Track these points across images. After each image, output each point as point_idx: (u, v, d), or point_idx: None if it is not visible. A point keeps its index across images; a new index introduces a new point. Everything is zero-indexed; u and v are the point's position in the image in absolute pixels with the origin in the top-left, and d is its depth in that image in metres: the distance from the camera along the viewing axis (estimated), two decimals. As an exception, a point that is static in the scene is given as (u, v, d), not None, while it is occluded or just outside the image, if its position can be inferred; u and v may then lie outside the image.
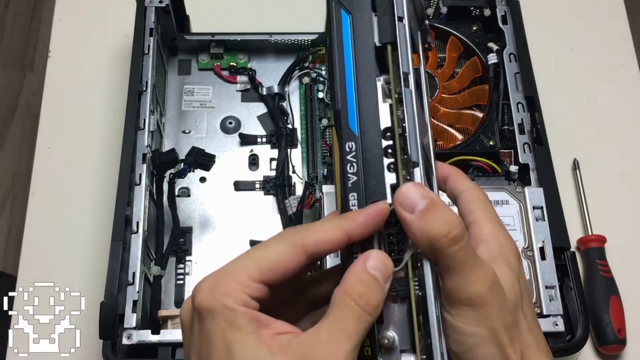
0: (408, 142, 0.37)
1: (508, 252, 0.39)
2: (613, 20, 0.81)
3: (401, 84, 0.38)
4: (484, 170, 0.62)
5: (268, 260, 0.34)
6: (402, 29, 0.39)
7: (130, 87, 0.62)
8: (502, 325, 0.35)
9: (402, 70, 0.38)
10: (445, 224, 0.34)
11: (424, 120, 0.41)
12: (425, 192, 0.34)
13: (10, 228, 1.38)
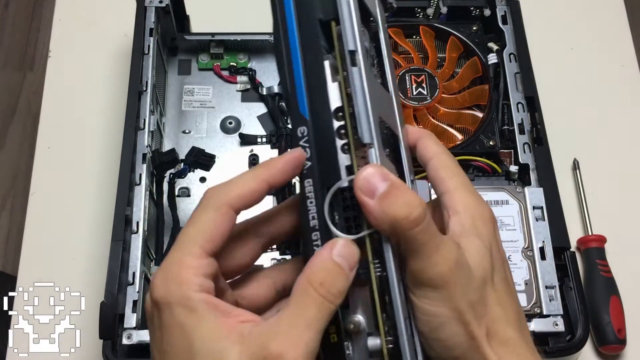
0: (358, 123, 0.35)
1: (480, 223, 0.38)
2: (613, 20, 0.81)
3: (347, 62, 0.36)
4: (484, 170, 0.62)
5: (202, 232, 0.33)
6: (344, 3, 0.36)
7: (130, 87, 0.62)
8: (467, 304, 0.35)
9: (346, 48, 0.36)
10: (405, 206, 0.33)
11: (384, 94, 0.40)
12: (384, 175, 0.34)
13: (10, 228, 1.38)
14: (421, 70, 0.66)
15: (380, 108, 0.38)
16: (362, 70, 0.36)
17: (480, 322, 0.35)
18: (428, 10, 0.70)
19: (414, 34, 0.70)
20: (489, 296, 0.36)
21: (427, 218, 0.33)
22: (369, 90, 0.36)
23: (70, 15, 0.79)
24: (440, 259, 0.34)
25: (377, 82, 0.40)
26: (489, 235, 0.38)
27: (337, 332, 0.35)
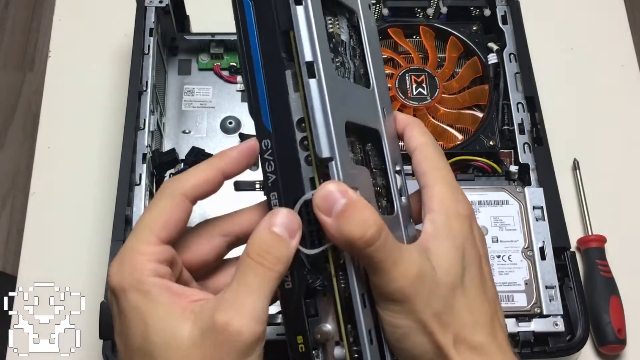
0: (315, 137, 0.35)
1: (454, 221, 0.38)
2: (613, 20, 0.80)
3: (304, 74, 0.35)
4: (484, 170, 0.62)
5: (157, 220, 0.34)
6: (299, 13, 0.35)
7: (130, 87, 0.62)
8: (430, 314, 0.35)
9: (302, 60, 0.35)
10: (360, 225, 0.33)
11: (360, 93, 0.40)
12: (342, 192, 0.33)
13: (10, 228, 1.38)
14: (421, 70, 0.66)
15: (352, 112, 0.38)
16: (322, 81, 0.35)
17: (446, 330, 0.35)
18: (428, 10, 0.70)
19: (414, 34, 0.70)
20: (458, 302, 0.36)
21: (383, 236, 0.34)
22: (330, 100, 0.35)
23: (70, 15, 0.79)
24: (399, 274, 0.34)
25: (349, 84, 0.40)
26: (462, 234, 0.38)
27: (305, 342, 0.36)
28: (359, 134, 0.41)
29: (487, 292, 0.38)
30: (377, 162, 0.42)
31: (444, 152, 0.41)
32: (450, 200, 0.38)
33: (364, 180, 0.38)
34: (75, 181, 0.68)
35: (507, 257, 0.56)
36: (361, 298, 0.35)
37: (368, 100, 0.41)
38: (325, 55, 0.36)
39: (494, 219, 0.57)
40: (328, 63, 0.36)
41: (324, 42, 0.36)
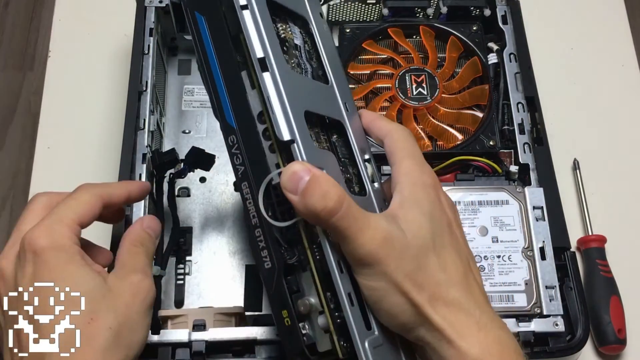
0: (274, 123, 0.39)
1: (420, 190, 0.41)
2: (613, 20, 0.80)
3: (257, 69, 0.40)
4: (484, 170, 0.62)
5: (82, 208, 0.44)
6: (247, 16, 0.40)
7: (130, 87, 0.62)
8: (402, 275, 0.38)
9: (254, 57, 0.39)
10: (321, 198, 0.37)
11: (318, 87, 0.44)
12: (306, 170, 0.37)
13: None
14: (421, 70, 0.66)
15: (310, 102, 0.42)
16: (275, 73, 0.39)
17: (420, 289, 0.38)
18: (428, 10, 0.70)
19: (414, 34, 0.70)
20: (430, 263, 0.39)
21: (345, 206, 0.37)
22: (286, 90, 0.39)
23: (70, 15, 0.79)
24: (366, 239, 0.37)
25: (305, 78, 0.44)
26: (429, 202, 0.41)
27: (290, 316, 0.40)
28: (322, 126, 0.45)
29: (460, 252, 0.41)
30: (344, 152, 0.46)
31: (412, 135, 0.45)
32: (416, 172, 0.42)
33: (329, 162, 0.41)
34: (75, 181, 0.67)
35: (507, 257, 0.56)
36: (337, 264, 0.38)
37: (328, 94, 0.45)
38: (277, 50, 0.40)
39: (494, 219, 0.57)
40: (280, 58, 0.40)
41: (274, 39, 0.41)
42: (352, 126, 0.46)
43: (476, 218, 0.58)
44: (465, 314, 0.39)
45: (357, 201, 0.39)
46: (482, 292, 0.41)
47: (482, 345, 0.38)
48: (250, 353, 0.53)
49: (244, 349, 0.53)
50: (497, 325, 0.40)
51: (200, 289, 0.61)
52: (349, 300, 0.38)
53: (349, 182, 0.44)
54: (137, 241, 0.46)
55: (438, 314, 0.38)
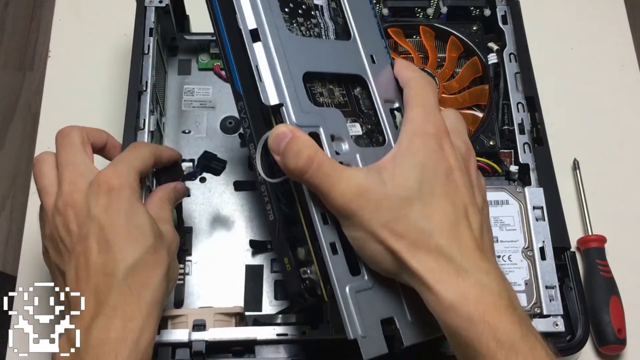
0: (260, 90, 0.43)
1: (419, 138, 0.42)
2: (613, 20, 0.81)
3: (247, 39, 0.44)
4: (484, 170, 0.62)
5: (144, 159, 0.50)
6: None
7: (130, 87, 0.62)
8: (378, 225, 0.40)
9: (244, 30, 0.44)
10: (294, 156, 0.40)
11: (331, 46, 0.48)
12: (286, 132, 0.41)
13: (10, 228, 1.38)
14: (421, 70, 0.66)
15: (315, 63, 0.46)
16: (268, 41, 0.43)
17: (399, 238, 0.40)
18: (428, 10, 0.70)
19: (414, 34, 0.70)
20: (413, 212, 0.40)
21: (315, 164, 0.40)
22: (279, 56, 0.43)
23: (70, 15, 0.79)
24: (338, 193, 0.40)
25: (312, 40, 0.47)
26: (425, 151, 0.42)
27: (289, 262, 0.45)
28: (341, 80, 0.48)
29: (455, 200, 0.42)
30: (367, 104, 0.49)
31: (431, 84, 0.46)
32: (419, 120, 0.43)
33: (331, 119, 0.44)
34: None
35: (507, 257, 0.56)
36: (320, 216, 0.42)
37: (346, 50, 0.48)
38: (273, 19, 0.44)
39: (494, 219, 0.57)
40: (277, 25, 0.44)
41: (273, 7, 0.45)
42: (380, 77, 0.49)
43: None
44: (446, 260, 0.40)
45: (371, 152, 0.44)
46: (475, 239, 0.41)
47: (459, 290, 0.39)
48: (250, 353, 0.53)
49: (244, 349, 0.53)
50: (481, 270, 0.40)
51: (200, 289, 0.61)
52: (331, 249, 0.42)
53: (371, 132, 0.48)
54: (164, 197, 0.53)
55: (417, 261, 0.40)
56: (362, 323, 0.41)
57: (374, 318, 0.42)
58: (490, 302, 0.39)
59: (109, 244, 0.45)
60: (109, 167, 0.48)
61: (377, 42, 0.50)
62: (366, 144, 0.47)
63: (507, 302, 0.39)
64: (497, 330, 0.38)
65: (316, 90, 0.47)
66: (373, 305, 0.43)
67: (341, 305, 0.41)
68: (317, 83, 0.47)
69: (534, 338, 0.39)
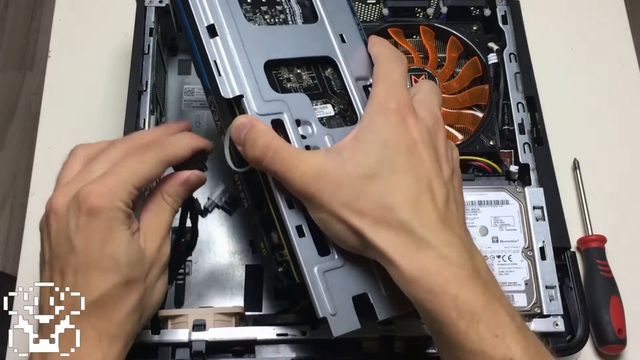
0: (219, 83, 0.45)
1: (379, 115, 0.43)
2: (613, 20, 0.81)
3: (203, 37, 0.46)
4: (484, 170, 0.62)
5: (143, 173, 0.44)
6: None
7: (130, 87, 0.62)
8: (338, 204, 0.41)
9: (199, 25, 0.46)
10: (250, 147, 0.42)
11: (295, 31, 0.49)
12: (244, 123, 0.43)
13: (10, 228, 1.38)
14: (421, 70, 0.66)
15: (277, 50, 0.47)
16: (226, 36, 0.45)
17: (361, 216, 0.40)
18: (428, 10, 0.70)
19: (414, 34, 0.70)
20: (374, 189, 0.41)
21: (271, 152, 0.42)
22: (237, 48, 0.45)
23: (70, 15, 0.79)
24: (297, 178, 0.41)
25: (274, 28, 0.48)
26: (386, 127, 0.42)
27: (265, 246, 0.47)
28: (308, 64, 0.49)
29: (419, 173, 0.42)
30: (339, 83, 0.50)
31: (400, 60, 0.47)
32: (381, 96, 0.44)
33: (294, 104, 0.46)
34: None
35: (507, 257, 0.56)
36: (285, 201, 0.44)
37: (311, 33, 0.49)
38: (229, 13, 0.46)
39: (494, 219, 0.57)
40: (234, 20, 0.46)
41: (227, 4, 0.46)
42: (353, 56, 0.50)
43: (476, 218, 0.58)
44: (407, 234, 0.40)
45: (342, 132, 0.45)
46: (439, 212, 0.41)
47: (420, 263, 0.39)
48: (250, 353, 0.53)
49: (244, 349, 0.53)
50: (443, 242, 0.40)
51: (200, 289, 0.61)
52: (297, 232, 0.43)
53: (342, 112, 0.48)
54: (169, 193, 0.47)
55: (379, 237, 0.40)
56: (332, 301, 0.43)
57: (345, 295, 0.44)
58: (450, 273, 0.39)
59: (77, 272, 0.42)
60: (97, 180, 0.43)
61: (347, 22, 0.51)
62: (339, 124, 0.48)
63: (468, 272, 0.40)
64: (458, 300, 0.39)
65: (282, 77, 0.48)
66: (344, 283, 0.44)
67: (309, 285, 0.43)
68: (283, 69, 0.48)
69: (498, 305, 0.40)
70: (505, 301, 0.41)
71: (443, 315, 0.39)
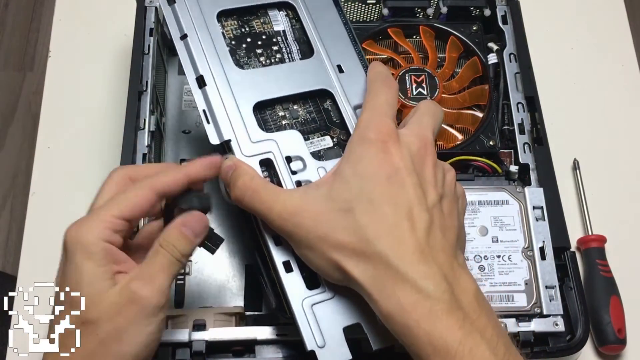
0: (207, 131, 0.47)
1: (358, 145, 0.42)
2: (613, 20, 0.80)
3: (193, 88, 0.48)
4: (484, 170, 0.62)
5: (128, 201, 0.42)
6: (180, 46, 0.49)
7: (130, 87, 0.62)
8: (317, 239, 0.41)
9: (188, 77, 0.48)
10: (234, 186, 0.44)
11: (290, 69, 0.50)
12: (230, 166, 0.44)
13: (10, 228, 1.38)
14: (421, 70, 0.66)
15: (269, 90, 0.48)
16: (214, 86, 0.47)
17: (339, 248, 0.40)
18: (428, 10, 0.70)
19: (414, 34, 0.70)
20: (352, 222, 0.40)
21: (251, 189, 0.43)
22: (224, 96, 0.47)
23: (70, 15, 0.79)
24: (275, 216, 0.42)
25: (268, 69, 0.49)
26: (364, 158, 0.42)
27: (263, 281, 0.48)
28: (305, 99, 0.50)
29: (398, 201, 0.41)
30: (337, 114, 0.50)
31: (390, 87, 0.46)
32: (362, 127, 0.43)
33: (285, 141, 0.47)
34: (75, 181, 0.68)
35: (507, 257, 0.56)
36: (272, 238, 0.45)
37: (307, 69, 0.50)
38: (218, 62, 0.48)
39: (494, 219, 0.57)
40: (223, 68, 0.48)
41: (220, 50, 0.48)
42: (352, 84, 0.50)
43: (476, 218, 0.58)
44: (384, 266, 0.39)
45: (334, 163, 0.45)
46: (417, 241, 0.40)
47: (395, 299, 0.39)
48: (250, 353, 0.53)
49: (244, 349, 0.53)
50: (419, 274, 0.39)
51: (200, 289, 0.61)
52: (284, 267, 0.44)
53: (341, 142, 0.49)
54: (168, 242, 0.42)
55: (358, 269, 0.40)
56: (320, 333, 0.43)
57: (336, 327, 0.44)
58: (425, 308, 0.38)
59: (56, 303, 0.42)
60: (83, 217, 0.42)
61: (345, 50, 0.52)
62: (338, 155, 0.48)
63: (445, 306, 0.38)
64: (432, 337, 0.38)
65: (277, 114, 0.49)
66: (335, 315, 0.44)
67: (296, 319, 0.44)
68: (277, 107, 0.49)
69: (479, 338, 0.38)
70: (490, 331, 0.39)
71: (419, 349, 0.38)
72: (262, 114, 0.49)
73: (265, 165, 0.46)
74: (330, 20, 0.52)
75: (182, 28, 0.49)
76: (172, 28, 0.50)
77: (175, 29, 0.49)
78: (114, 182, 0.44)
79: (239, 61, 0.50)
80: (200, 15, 0.50)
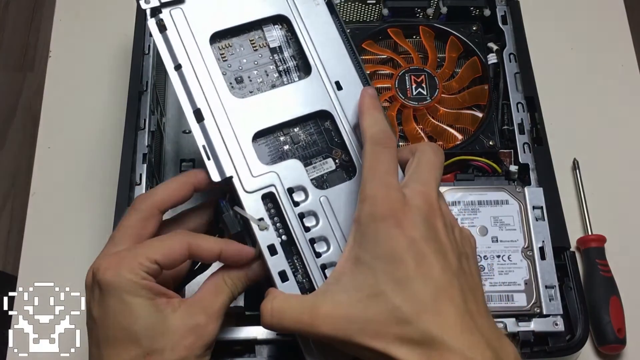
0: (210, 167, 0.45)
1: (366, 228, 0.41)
2: (613, 20, 0.81)
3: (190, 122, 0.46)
4: (484, 170, 0.62)
5: (163, 248, 0.42)
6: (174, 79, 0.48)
7: (131, 87, 0.62)
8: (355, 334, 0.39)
9: (186, 112, 0.46)
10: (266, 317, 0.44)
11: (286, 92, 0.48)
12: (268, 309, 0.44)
13: (10, 228, 1.38)
14: (421, 70, 0.66)
15: (267, 118, 0.47)
16: (213, 119, 0.45)
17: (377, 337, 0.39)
18: (428, 10, 0.70)
19: (414, 34, 0.70)
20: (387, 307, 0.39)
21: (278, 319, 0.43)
22: (223, 130, 0.45)
23: (70, 15, 0.79)
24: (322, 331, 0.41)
25: (265, 94, 0.48)
26: (380, 239, 0.40)
27: None
28: (305, 121, 0.48)
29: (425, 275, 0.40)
30: (338, 134, 0.49)
31: (390, 144, 0.44)
32: (369, 203, 0.41)
33: (286, 172, 0.46)
34: (75, 181, 0.68)
35: (507, 257, 0.56)
36: (267, 248, 0.45)
37: (306, 89, 0.48)
38: (214, 95, 0.46)
39: (494, 218, 0.57)
40: (219, 99, 0.46)
41: (212, 85, 0.46)
42: (352, 101, 0.48)
43: (476, 218, 0.58)
44: (429, 344, 0.38)
45: (339, 190, 0.46)
46: (457, 309, 0.39)
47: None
48: (250, 353, 0.53)
49: (244, 349, 0.53)
50: (464, 344, 0.38)
51: (200, 288, 0.60)
52: (280, 277, 0.45)
53: (344, 164, 0.48)
54: (230, 280, 0.46)
55: (403, 351, 0.38)
56: None
57: None
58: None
59: (99, 344, 0.41)
60: (107, 255, 0.42)
61: (344, 64, 0.49)
62: (340, 177, 0.48)
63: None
64: None
65: (278, 140, 0.48)
66: None
67: None
68: (278, 132, 0.48)
69: None
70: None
71: None
72: (262, 141, 0.47)
73: (268, 199, 0.45)
74: (326, 31, 0.50)
75: (175, 58, 0.47)
76: (165, 58, 0.48)
77: (169, 58, 0.47)
78: (138, 212, 0.44)
79: (235, 87, 0.48)
80: (193, 41, 0.47)
